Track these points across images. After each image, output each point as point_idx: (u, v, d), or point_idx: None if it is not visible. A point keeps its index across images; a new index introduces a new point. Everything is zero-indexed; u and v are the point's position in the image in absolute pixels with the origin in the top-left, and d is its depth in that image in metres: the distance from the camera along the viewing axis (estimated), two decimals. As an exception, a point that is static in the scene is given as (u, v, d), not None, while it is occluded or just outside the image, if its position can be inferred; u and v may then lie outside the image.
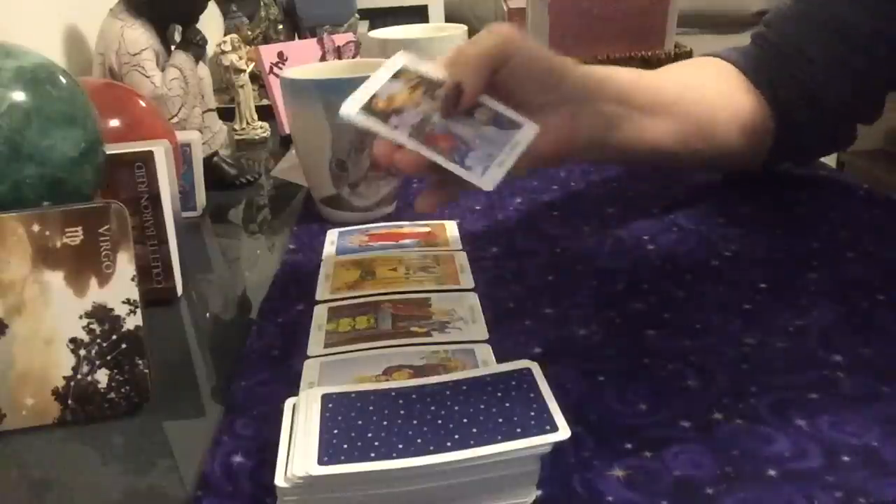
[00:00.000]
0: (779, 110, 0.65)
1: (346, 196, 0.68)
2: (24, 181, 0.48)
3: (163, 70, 0.81)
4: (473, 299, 0.52)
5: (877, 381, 0.42)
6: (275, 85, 0.94)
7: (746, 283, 0.53)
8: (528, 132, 0.46)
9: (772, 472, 0.36)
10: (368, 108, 0.45)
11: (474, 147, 0.44)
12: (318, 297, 0.54)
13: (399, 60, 0.47)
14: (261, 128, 1.01)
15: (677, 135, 0.59)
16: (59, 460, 0.43)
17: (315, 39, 1.01)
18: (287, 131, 0.91)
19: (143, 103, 0.69)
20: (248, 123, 1.01)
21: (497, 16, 1.18)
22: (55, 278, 0.45)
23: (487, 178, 0.43)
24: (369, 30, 1.17)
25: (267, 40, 1.20)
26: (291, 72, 0.70)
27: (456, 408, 0.36)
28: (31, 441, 0.44)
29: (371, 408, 0.36)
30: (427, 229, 0.64)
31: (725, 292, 0.52)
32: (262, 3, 1.22)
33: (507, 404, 0.36)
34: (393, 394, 0.37)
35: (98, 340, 0.46)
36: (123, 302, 0.46)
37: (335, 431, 0.35)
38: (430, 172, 0.44)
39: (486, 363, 0.45)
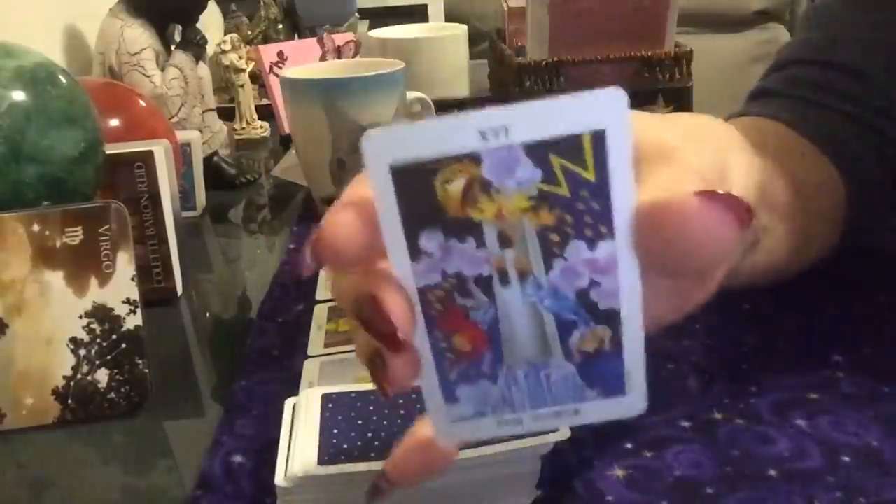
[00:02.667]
0: (847, 173, 0.47)
1: (346, 196, 0.68)
2: (24, 181, 0.48)
3: (163, 70, 0.81)
4: (473, 299, 0.52)
5: (877, 381, 0.42)
6: (275, 85, 0.93)
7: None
8: None
9: (772, 472, 0.36)
10: None
11: None
12: (318, 296, 0.54)
13: None
14: (261, 127, 1.01)
15: (800, 240, 0.42)
16: (59, 460, 0.43)
17: (315, 39, 1.01)
18: (287, 131, 0.91)
19: (143, 103, 0.69)
20: (248, 123, 1.01)
21: (497, 15, 1.18)
22: (55, 278, 0.45)
23: None
24: (369, 30, 1.17)
25: (267, 40, 1.20)
26: (291, 72, 0.70)
27: (456, 408, 0.36)
28: (31, 441, 0.44)
29: (371, 408, 0.36)
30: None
31: (725, 292, 0.52)
32: (262, 3, 1.22)
33: (507, 404, 0.36)
34: (393, 394, 0.37)
35: (98, 340, 0.46)
36: (123, 302, 0.46)
37: (335, 431, 0.35)
38: None
39: (486, 363, 0.44)
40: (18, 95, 0.48)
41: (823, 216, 0.45)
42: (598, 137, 0.23)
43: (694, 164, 0.28)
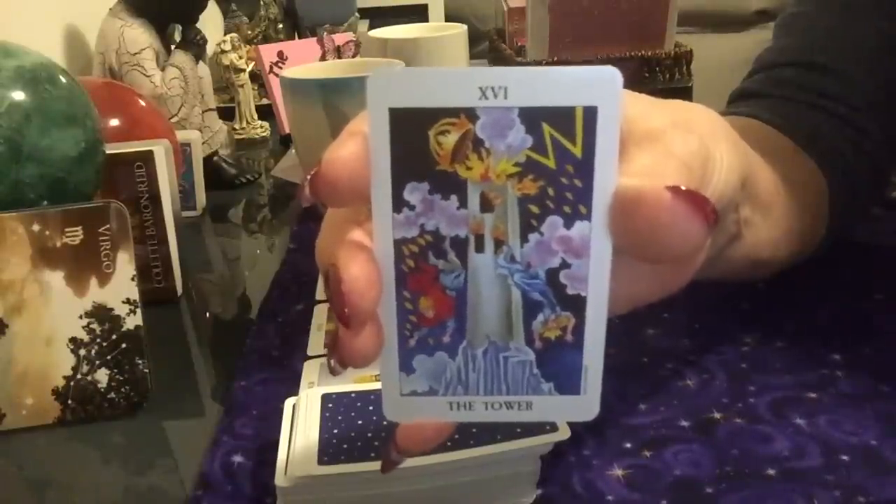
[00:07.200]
0: (828, 168, 0.49)
1: (345, 196, 0.68)
2: (24, 181, 0.48)
3: (163, 69, 0.81)
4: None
5: (875, 380, 0.42)
6: (275, 84, 0.94)
7: (746, 282, 0.53)
8: None
9: (771, 472, 0.36)
10: None
11: None
12: (318, 296, 0.54)
13: None
14: (261, 127, 1.01)
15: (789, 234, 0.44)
16: (59, 460, 0.43)
17: (315, 39, 1.01)
18: (287, 131, 0.91)
19: (143, 103, 0.69)
20: (248, 123, 1.01)
21: (497, 15, 1.18)
22: (55, 278, 0.45)
23: None
24: (369, 29, 1.17)
25: (267, 40, 1.20)
26: (291, 71, 0.70)
27: (456, 407, 0.36)
28: (31, 441, 0.44)
29: (371, 408, 0.36)
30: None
31: (725, 292, 0.52)
32: (261, 3, 1.22)
33: (507, 404, 0.36)
34: (393, 393, 0.37)
35: (98, 340, 0.46)
36: (123, 302, 0.46)
37: (335, 431, 0.35)
38: None
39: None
40: (18, 95, 0.48)
41: (806, 211, 0.46)
42: (590, 114, 0.23)
43: (678, 151, 0.28)
